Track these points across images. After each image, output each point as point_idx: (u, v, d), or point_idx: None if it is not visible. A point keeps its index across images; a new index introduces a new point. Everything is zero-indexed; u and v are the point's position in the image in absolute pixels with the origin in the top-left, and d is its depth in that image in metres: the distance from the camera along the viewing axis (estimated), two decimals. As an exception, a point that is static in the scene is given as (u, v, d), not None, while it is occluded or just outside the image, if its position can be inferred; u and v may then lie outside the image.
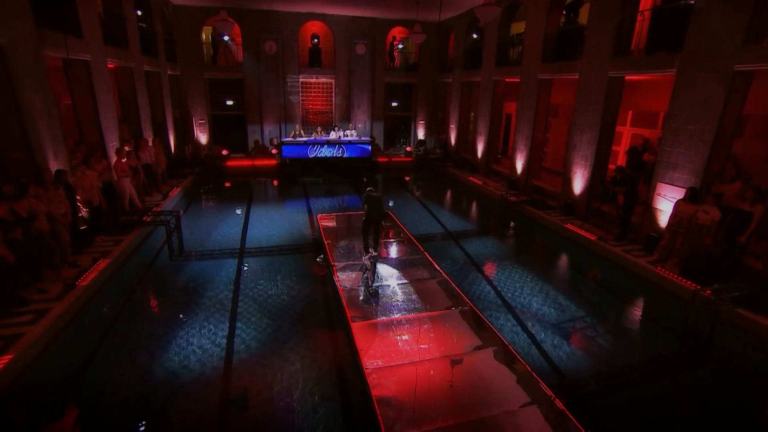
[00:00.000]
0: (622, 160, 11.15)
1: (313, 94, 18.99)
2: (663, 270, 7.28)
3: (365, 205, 7.61)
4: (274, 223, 10.86)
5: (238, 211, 11.98)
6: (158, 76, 13.87)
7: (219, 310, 6.66)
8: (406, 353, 5.11)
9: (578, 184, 10.45)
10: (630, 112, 11.13)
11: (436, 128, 20.42)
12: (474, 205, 13.75)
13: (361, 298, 6.44)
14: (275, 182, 16.00)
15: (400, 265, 7.67)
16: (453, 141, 18.38)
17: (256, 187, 15.29)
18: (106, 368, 5.32)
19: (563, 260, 9.33)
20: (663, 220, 7.93)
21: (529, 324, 6.50)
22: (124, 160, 9.63)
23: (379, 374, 4.73)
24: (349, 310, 6.01)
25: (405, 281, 7.02)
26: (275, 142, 17.51)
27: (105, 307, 6.61)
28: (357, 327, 5.59)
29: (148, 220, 9.19)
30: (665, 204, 7.89)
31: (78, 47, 8.19)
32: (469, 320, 5.93)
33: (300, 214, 11.65)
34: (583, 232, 9.25)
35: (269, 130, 18.45)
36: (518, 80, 12.94)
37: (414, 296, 6.53)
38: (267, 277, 7.82)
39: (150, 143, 12.37)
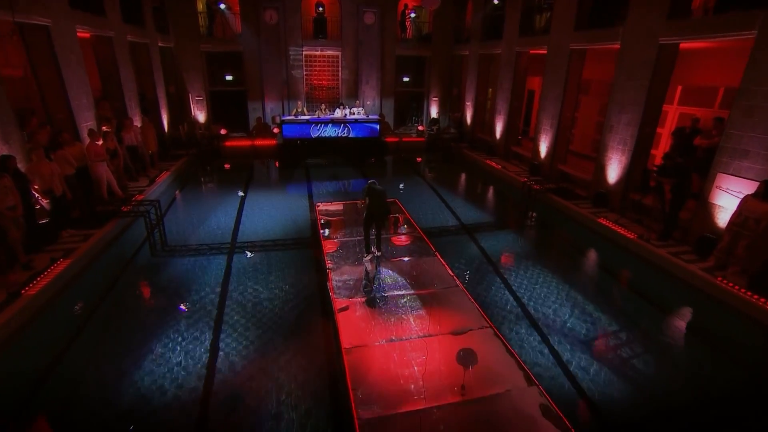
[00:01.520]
0: (665, 145, 9.70)
1: (318, 69, 17.60)
2: (724, 281, 6.03)
3: (366, 199, 6.52)
4: (271, 212, 9.82)
5: (240, 193, 11.02)
6: (146, 48, 12.70)
7: (202, 317, 5.81)
8: (408, 396, 4.07)
9: (613, 172, 9.10)
10: (679, 88, 9.59)
11: (451, 106, 18.91)
12: (491, 192, 12.47)
13: (358, 313, 5.39)
14: (276, 164, 14.91)
15: (406, 269, 6.57)
16: (469, 120, 16.92)
17: (254, 170, 14.22)
18: (61, 392, 4.50)
19: (595, 261, 8.12)
20: (722, 218, 6.62)
21: (555, 340, 5.47)
22: (99, 142, 8.60)
23: (375, 427, 3.72)
24: (343, 332, 4.97)
25: (411, 292, 5.93)
26: (278, 120, 16.32)
27: (62, 318, 5.70)
28: (351, 360, 4.54)
29: (126, 210, 8.24)
30: (726, 199, 6.56)
31: (33, 10, 7.03)
32: (489, 344, 4.85)
33: (300, 202, 10.57)
34: (619, 229, 7.99)
35: (271, 107, 17.23)
36: (545, 52, 11.41)
37: (422, 311, 5.45)
38: (259, 277, 6.90)
39: (136, 122, 11.34)
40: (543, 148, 11.83)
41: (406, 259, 6.90)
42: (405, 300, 5.69)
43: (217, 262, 7.38)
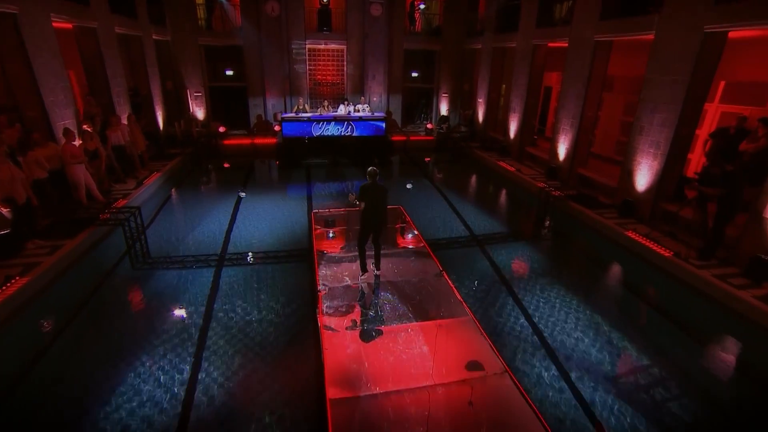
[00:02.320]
0: (701, 149, 8.68)
1: (322, 63, 16.77)
2: (785, 315, 5.10)
3: (361, 201, 5.57)
4: (266, 218, 9.06)
5: (241, 193, 10.37)
6: (140, 41, 12.00)
7: (183, 342, 5.12)
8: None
9: (643, 179, 8.13)
10: (722, 84, 8.53)
11: (462, 103, 17.95)
12: (504, 197, 11.54)
13: (349, 351, 4.58)
14: (277, 163, 14.14)
15: (409, 292, 5.74)
16: (480, 118, 15.97)
17: (253, 170, 13.46)
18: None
19: (621, 281, 7.18)
20: (779, 237, 5.67)
21: (575, 375, 4.67)
22: (78, 142, 7.91)
23: None
24: (329, 377, 4.16)
25: (413, 322, 5.10)
26: (279, 117, 15.55)
27: (13, 346, 5.00)
28: (337, 415, 3.74)
29: (105, 218, 7.53)
30: (785, 215, 5.61)
31: (-3, -5, 6.34)
32: (501, 390, 4.00)
33: (298, 206, 9.78)
34: (651, 245, 7.04)
35: (273, 103, 16.48)
36: (565, 44, 10.43)
37: (424, 347, 4.62)
38: (249, 295, 6.17)
39: (125, 120, 10.65)
40: (561, 150, 10.87)
41: (408, 280, 6.06)
42: (405, 334, 4.86)
43: (204, 275, 6.68)
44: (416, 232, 7.55)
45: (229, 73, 16.23)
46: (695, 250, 6.58)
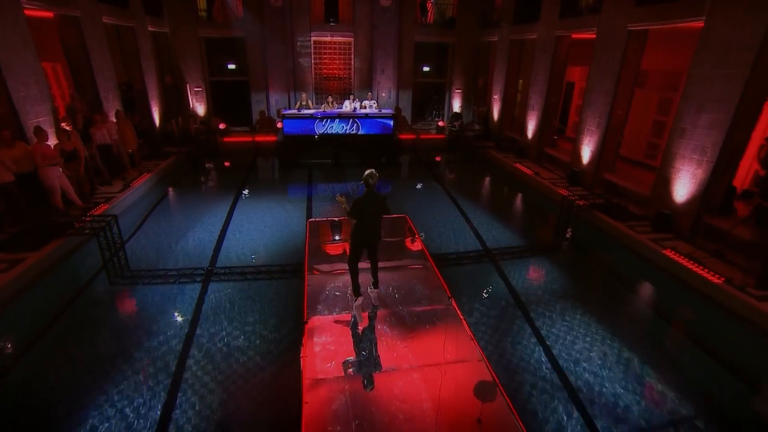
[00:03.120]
0: (751, 154, 7.59)
1: (328, 57, 15.89)
2: None
3: (353, 213, 4.68)
4: (261, 226, 8.30)
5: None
6: (133, 32, 11.28)
7: (158, 373, 4.52)
8: None
9: (683, 188, 7.11)
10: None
11: (476, 99, 16.92)
12: (521, 204, 10.56)
13: (334, 407, 3.75)
14: (277, 163, 13.36)
15: (410, 326, 4.88)
16: (496, 115, 14.94)
17: (252, 171, 12.71)
18: None
19: (658, 309, 6.18)
20: None
21: (601, 425, 3.93)
22: (52, 142, 7.22)
23: None
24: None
25: (413, 365, 4.24)
26: (282, 113, 14.78)
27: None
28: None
29: (80, 226, 6.83)
30: None
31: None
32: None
33: (296, 213, 8.97)
34: (697, 268, 6.03)
35: (276, 99, 15.69)
36: (593, 35, 9.38)
37: (425, 404, 3.77)
38: (236, 317, 5.49)
39: (112, 117, 9.96)
40: (585, 153, 9.84)
41: (410, 309, 5.19)
42: (402, 383, 4.01)
43: (188, 293, 6.00)
44: (422, 248, 6.67)
45: (231, 66, 15.49)
46: (754, 277, 5.57)
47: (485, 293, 6.16)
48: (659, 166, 7.65)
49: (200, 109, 15.17)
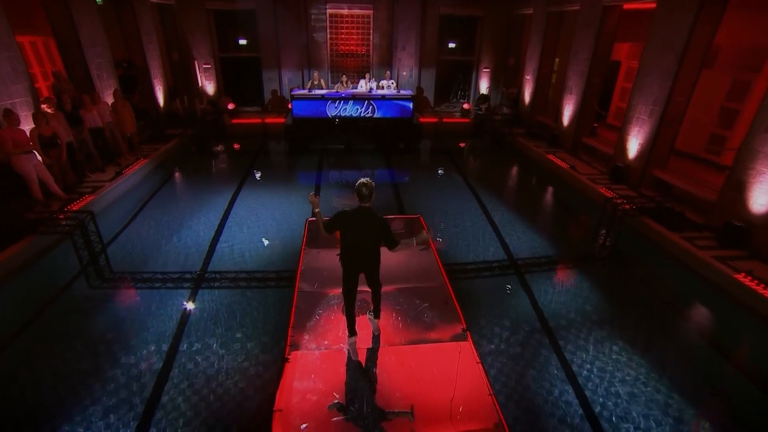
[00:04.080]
0: None
1: (345, 31, 14.65)
2: None
3: (329, 227, 3.73)
4: (262, 222, 7.49)
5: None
6: (131, 5, 10.41)
7: (131, 396, 3.96)
8: None
9: (765, 195, 5.78)
10: None
11: (505, 80, 15.41)
12: (553, 203, 9.33)
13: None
14: (287, 148, 12.46)
15: (414, 368, 3.96)
16: (527, 98, 13.49)
17: (259, 156, 11.84)
18: None
19: (721, 347, 4.99)
20: None
21: None
22: (28, 127, 6.52)
23: None
24: None
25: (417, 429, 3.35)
26: (291, 94, 13.79)
27: None
28: None
29: (54, 223, 6.15)
30: None
31: None
32: None
33: (300, 207, 8.08)
34: (778, 300, 4.82)
35: (289, 77, 14.69)
36: (652, 4, 7.88)
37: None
38: (224, 332, 4.83)
39: (107, 98, 9.23)
40: (633, 145, 8.48)
41: (415, 345, 4.26)
42: (398, 459, 3.13)
43: (174, 300, 5.35)
44: (437, 261, 5.67)
45: (242, 42, 14.49)
46: None
47: (506, 315, 5.19)
48: (731, 166, 6.31)
49: (209, 88, 14.35)
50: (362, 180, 3.51)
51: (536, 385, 4.17)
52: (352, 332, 4.05)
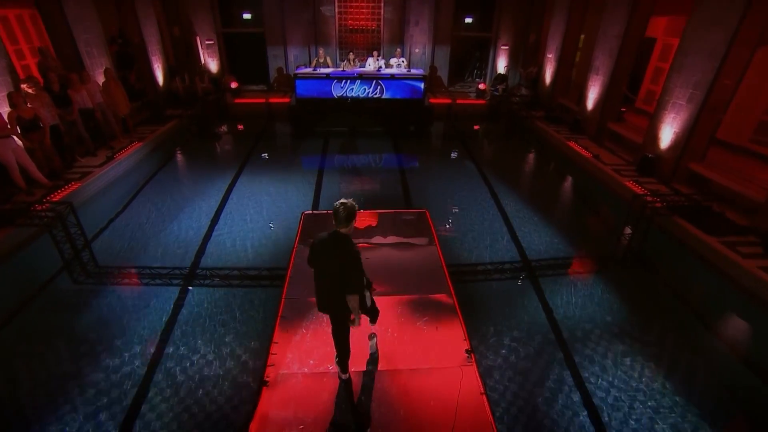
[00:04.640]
0: None
1: (354, 5, 13.74)
2: None
3: (308, 260, 3.18)
4: (259, 212, 7.00)
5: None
6: (124, -25, 9.77)
7: (112, 403, 3.67)
8: None
9: (820, 198, 5.01)
10: None
11: (525, 58, 14.37)
12: (573, 197, 8.59)
13: None
14: (291, 130, 11.86)
15: (413, 396, 3.46)
16: (548, 79, 12.52)
17: (261, 139, 11.26)
18: None
19: (761, 371, 4.39)
20: None
21: None
22: (6, 110, 6.06)
23: None
24: None
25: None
26: (295, 72, 13.07)
27: None
28: None
29: (32, 215, 5.75)
30: None
31: None
32: None
33: (301, 196, 7.55)
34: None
35: (295, 54, 13.95)
36: (697, -28, 6.90)
37: None
38: (212, 334, 4.47)
39: (98, 77, 8.72)
40: (666, 134, 7.64)
41: (416, 369, 3.75)
42: None
43: (163, 297, 4.98)
44: (443, 267, 5.10)
45: (247, 16, 13.72)
46: None
47: (517, 324, 4.67)
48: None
49: (212, 65, 13.72)
50: (342, 200, 2.90)
51: (546, 407, 3.71)
52: (345, 369, 3.52)
